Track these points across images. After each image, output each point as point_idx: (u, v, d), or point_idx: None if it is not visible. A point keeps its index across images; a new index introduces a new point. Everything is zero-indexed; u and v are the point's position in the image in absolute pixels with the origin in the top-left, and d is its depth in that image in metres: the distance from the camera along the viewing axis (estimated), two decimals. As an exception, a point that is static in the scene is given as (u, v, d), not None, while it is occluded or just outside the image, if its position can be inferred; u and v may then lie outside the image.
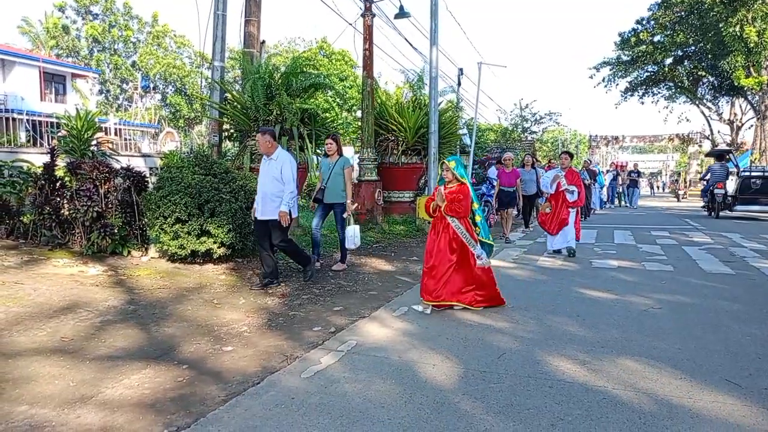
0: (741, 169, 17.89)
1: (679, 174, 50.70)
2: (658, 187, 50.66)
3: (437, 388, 3.50)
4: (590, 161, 22.59)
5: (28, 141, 19.85)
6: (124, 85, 45.60)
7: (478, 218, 5.68)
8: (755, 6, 24.97)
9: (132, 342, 4.37)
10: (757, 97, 31.76)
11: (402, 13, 13.68)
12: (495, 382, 3.59)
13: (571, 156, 9.36)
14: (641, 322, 5.04)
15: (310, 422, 3.03)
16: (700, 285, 6.75)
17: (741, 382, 3.56)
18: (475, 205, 5.66)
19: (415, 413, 3.14)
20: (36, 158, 10.07)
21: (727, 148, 27.97)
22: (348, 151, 28.28)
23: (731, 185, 17.27)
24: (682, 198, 30.58)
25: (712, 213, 17.39)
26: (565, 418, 3.06)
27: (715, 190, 16.86)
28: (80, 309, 5.10)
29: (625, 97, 39.45)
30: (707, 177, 18.53)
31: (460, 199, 5.39)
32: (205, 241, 6.75)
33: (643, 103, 39.82)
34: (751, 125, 35.31)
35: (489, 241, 5.76)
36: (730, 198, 16.85)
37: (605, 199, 23.53)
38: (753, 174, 17.25)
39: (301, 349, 4.31)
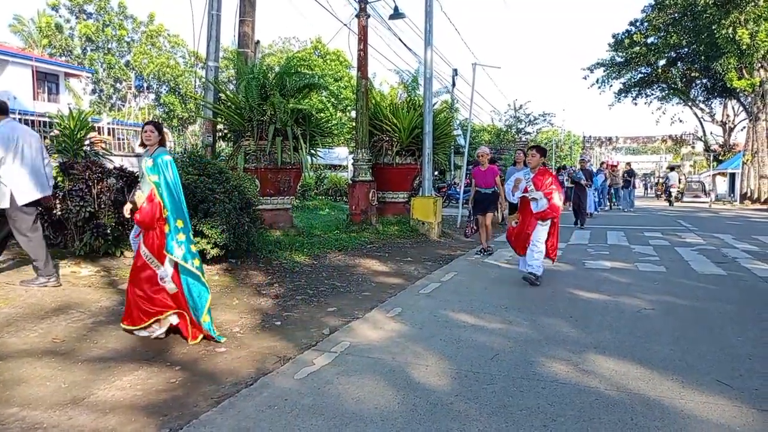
0: (686, 177, 34.54)
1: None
2: (651, 188, 50.87)
3: (431, 389, 3.50)
4: (587, 159, 20.59)
5: (21, 140, 19.71)
6: (118, 85, 45.36)
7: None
8: (748, 8, 25.11)
9: (124, 343, 4.35)
10: (749, 99, 31.95)
11: (396, 14, 13.70)
12: (488, 383, 3.59)
13: (543, 152, 7.18)
14: (634, 323, 5.07)
15: (302, 424, 3.02)
16: (692, 286, 6.79)
17: (732, 382, 3.59)
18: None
19: (409, 414, 3.14)
20: (28, 158, 9.99)
21: (676, 164, 42.58)
22: (343, 152, 28.32)
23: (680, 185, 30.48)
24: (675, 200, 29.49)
25: (670, 203, 27.07)
26: (557, 419, 3.06)
27: (671, 190, 27.57)
28: (72, 310, 5.07)
29: (619, 98, 39.61)
30: (667, 182, 29.39)
31: None
32: (198, 242, 6.72)
33: (636, 104, 40.09)
34: (744, 127, 35.52)
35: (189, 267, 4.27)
36: (680, 194, 29.80)
37: (597, 202, 21.52)
38: (691, 179, 35.21)
39: (295, 350, 4.30)
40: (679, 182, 29.85)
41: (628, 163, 26.76)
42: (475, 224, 9.46)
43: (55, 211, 6.96)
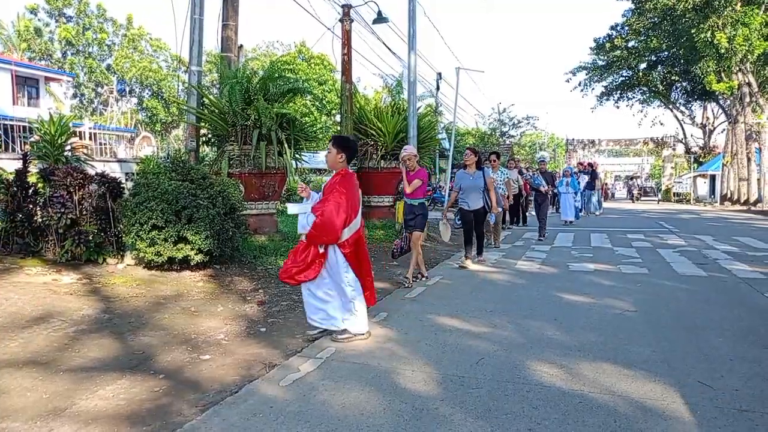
0: (642, 184, 53.36)
1: (632, 178, 59.34)
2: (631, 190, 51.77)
3: (416, 394, 3.51)
4: (546, 161, 17.19)
5: (1, 146, 19.43)
6: (99, 89, 44.88)
7: None
8: (725, 12, 25.58)
9: (107, 352, 4.29)
10: (728, 102, 32.52)
11: (380, 19, 13.73)
12: (473, 388, 3.61)
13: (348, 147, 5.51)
14: (617, 325, 5.12)
15: (288, 431, 3.01)
16: (673, 287, 6.88)
17: (713, 383, 3.64)
18: None
19: (394, 420, 3.14)
20: (8, 164, 9.85)
21: (637, 175, 61.08)
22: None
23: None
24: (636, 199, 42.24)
25: (633, 200, 39.69)
26: (542, 423, 3.09)
27: (634, 191, 42.79)
28: (54, 319, 5.00)
29: (601, 101, 40.14)
30: (631, 186, 46.08)
31: None
32: (182, 248, 6.67)
33: (618, 107, 40.85)
34: (723, 129, 36.15)
35: None
36: (639, 195, 44.03)
37: (580, 207, 19.29)
38: (644, 186, 53.26)
39: (280, 356, 4.28)
40: (637, 187, 47.32)
41: (591, 164, 24.30)
42: (405, 242, 7.38)
43: (35, 218, 6.86)
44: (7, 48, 38.85)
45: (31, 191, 7.17)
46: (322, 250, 4.53)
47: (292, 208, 4.83)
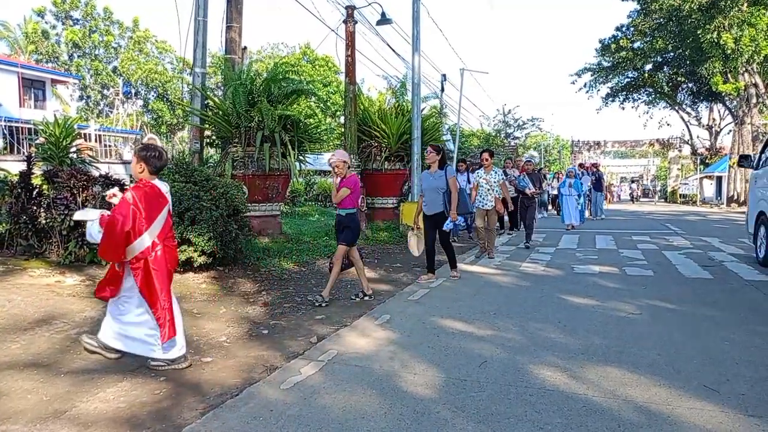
0: (643, 186, 58.04)
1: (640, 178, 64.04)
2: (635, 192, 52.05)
3: (418, 398, 3.48)
4: (533, 160, 15.98)
5: (5, 148, 19.54)
6: (105, 91, 45.09)
7: None
8: (732, 13, 25.44)
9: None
10: (735, 103, 32.33)
11: (384, 20, 13.73)
12: (476, 391, 3.58)
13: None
14: (622, 328, 5.07)
15: (288, 435, 2.99)
16: (679, 290, 6.82)
17: (719, 387, 3.59)
18: None
19: (395, 423, 3.11)
20: (13, 166, 9.88)
21: (637, 177, 63.00)
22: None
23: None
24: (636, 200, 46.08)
25: (633, 201, 41.96)
26: (545, 427, 3.05)
27: (633, 194, 47.76)
28: (56, 320, 4.99)
29: (606, 103, 39.94)
30: (633, 189, 49.55)
31: None
32: (185, 250, 6.67)
33: (623, 108, 40.40)
34: (730, 130, 35.94)
35: None
36: (639, 196, 49.81)
37: (585, 211, 18.12)
38: (645, 186, 58.05)
39: (282, 359, 4.26)
40: (638, 188, 52.98)
41: (595, 164, 22.86)
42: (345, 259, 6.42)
43: (39, 220, 6.88)
44: (15, 50, 39.07)
45: (35, 193, 7.18)
46: (118, 268, 4.04)
47: (78, 214, 4.36)
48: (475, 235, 9.53)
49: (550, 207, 22.58)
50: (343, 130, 12.78)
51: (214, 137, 10.48)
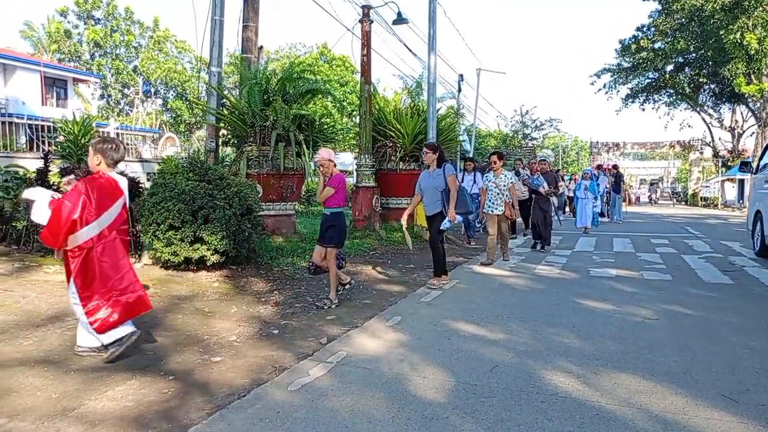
0: (661, 189, 57.58)
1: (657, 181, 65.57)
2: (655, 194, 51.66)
3: (427, 402, 3.42)
4: (548, 159, 15.55)
5: (26, 145, 19.88)
6: (126, 90, 45.66)
7: None
8: (756, 13, 24.96)
9: (119, 352, 4.29)
10: (758, 105, 31.71)
11: (400, 20, 13.67)
12: (486, 396, 3.51)
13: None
14: (638, 333, 4.96)
15: (294, 438, 2.95)
16: (698, 295, 6.67)
17: (738, 397, 3.48)
18: None
19: (403, 428, 3.06)
20: (32, 163, 10.03)
21: (657, 179, 64.69)
22: (347, 157, 28.32)
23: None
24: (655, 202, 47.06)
25: (652, 203, 42.78)
26: (556, 435, 2.98)
27: (652, 196, 49.43)
28: (68, 317, 5.02)
29: (626, 104, 39.49)
30: (651, 191, 51.27)
31: None
32: (198, 248, 6.68)
33: (644, 109, 39.87)
34: (753, 132, 35.24)
35: None
36: (657, 198, 50.49)
37: (599, 212, 17.74)
38: (665, 189, 58.78)
39: (291, 359, 4.23)
40: (657, 192, 53.94)
41: (615, 165, 21.89)
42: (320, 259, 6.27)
43: (55, 217, 6.94)
44: (38, 49, 39.74)
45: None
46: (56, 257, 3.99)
47: (26, 192, 4.32)
48: (486, 237, 9.28)
49: (567, 210, 22.31)
50: (358, 129, 12.76)
51: (229, 136, 10.52)
